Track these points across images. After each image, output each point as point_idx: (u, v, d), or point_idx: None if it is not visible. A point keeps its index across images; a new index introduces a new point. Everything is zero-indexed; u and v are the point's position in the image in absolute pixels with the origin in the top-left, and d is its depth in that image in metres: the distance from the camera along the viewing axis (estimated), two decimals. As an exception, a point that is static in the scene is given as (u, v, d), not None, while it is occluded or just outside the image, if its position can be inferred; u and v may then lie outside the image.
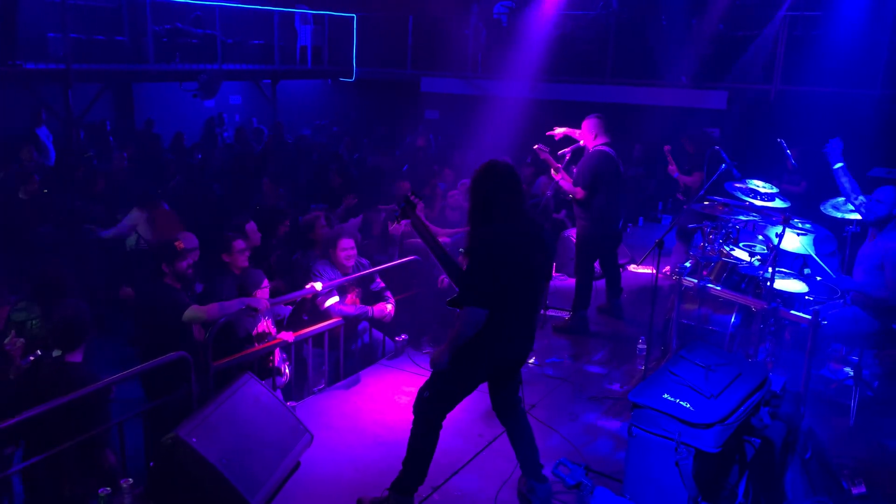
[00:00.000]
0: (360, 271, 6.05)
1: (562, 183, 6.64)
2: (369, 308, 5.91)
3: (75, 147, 11.07)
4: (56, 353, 4.12)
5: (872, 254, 5.17)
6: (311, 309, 5.78)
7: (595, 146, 6.53)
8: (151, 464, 4.23)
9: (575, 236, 7.08)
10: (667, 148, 8.76)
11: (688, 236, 8.09)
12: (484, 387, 4.08)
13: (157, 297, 4.97)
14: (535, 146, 6.73)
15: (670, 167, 8.71)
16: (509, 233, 3.71)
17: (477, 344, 3.71)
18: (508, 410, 4.11)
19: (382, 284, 6.21)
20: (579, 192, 6.48)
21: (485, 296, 3.62)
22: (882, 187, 5.25)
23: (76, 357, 4.13)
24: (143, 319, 5.15)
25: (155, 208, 7.64)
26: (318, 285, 5.64)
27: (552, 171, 6.67)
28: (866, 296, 5.19)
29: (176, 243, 5.10)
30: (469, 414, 5.08)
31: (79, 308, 4.24)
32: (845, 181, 5.48)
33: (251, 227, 6.32)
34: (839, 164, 5.52)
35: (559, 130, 6.80)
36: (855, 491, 4.44)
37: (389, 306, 6.04)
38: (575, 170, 6.67)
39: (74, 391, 3.87)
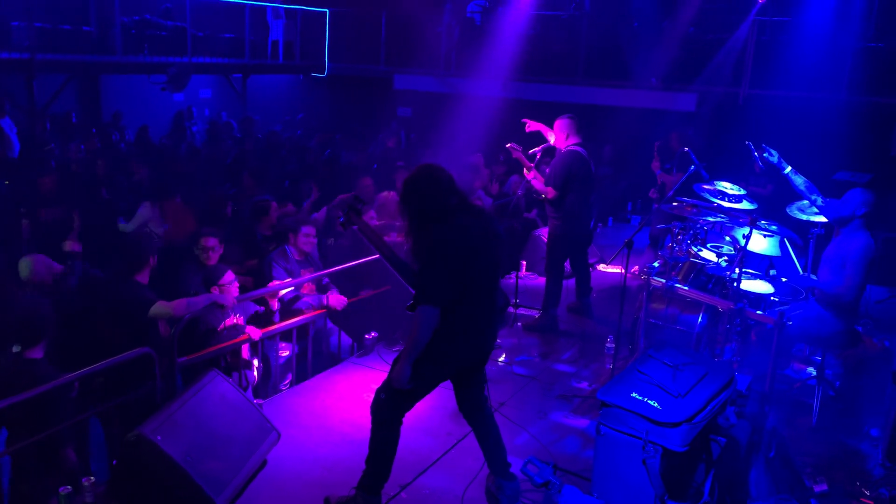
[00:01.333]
0: (311, 260, 6.17)
1: (534, 182, 6.66)
2: (324, 296, 5.92)
3: (38, 139, 10.83)
4: (16, 349, 4.02)
5: (835, 254, 5.27)
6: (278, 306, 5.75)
7: (567, 146, 6.56)
8: (114, 462, 4.16)
9: (546, 235, 7.10)
10: (657, 144, 8.82)
11: (658, 242, 8.16)
12: (452, 385, 4.07)
13: (123, 293, 4.89)
14: (508, 145, 6.74)
15: (654, 163, 8.77)
16: (463, 227, 3.65)
17: (435, 343, 3.66)
18: (474, 410, 4.08)
19: (327, 280, 6.20)
20: (551, 192, 6.51)
21: (440, 293, 3.56)
22: (850, 190, 5.35)
23: (36, 353, 4.04)
24: (107, 316, 5.05)
25: (166, 202, 7.44)
26: (291, 288, 5.69)
27: (524, 170, 6.69)
28: (824, 294, 5.29)
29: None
30: (438, 412, 5.08)
31: (38, 303, 4.15)
32: (800, 181, 5.55)
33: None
34: (788, 168, 5.59)
35: (531, 123, 6.81)
36: (817, 489, 4.52)
37: (336, 294, 6.06)
38: (547, 169, 6.70)
39: (31, 389, 3.77)
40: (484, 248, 3.71)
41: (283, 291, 5.76)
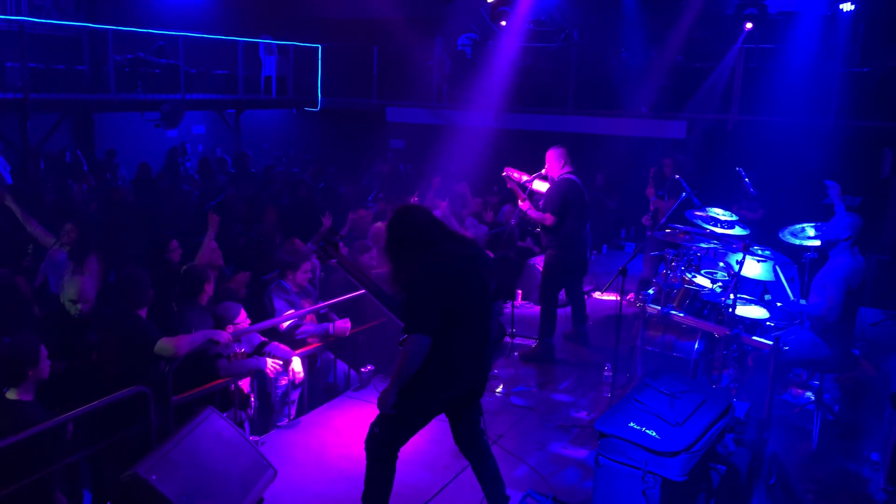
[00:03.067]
0: (309, 294, 6.21)
1: (529, 212, 6.66)
2: (329, 325, 5.88)
3: (33, 178, 10.85)
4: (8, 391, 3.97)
5: (821, 277, 5.32)
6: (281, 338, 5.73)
7: (561, 174, 6.60)
8: (109, 503, 4.10)
9: (541, 264, 7.11)
10: (652, 170, 8.85)
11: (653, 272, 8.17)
12: (447, 418, 4.04)
13: (128, 328, 4.82)
14: (504, 173, 6.76)
15: (649, 189, 8.78)
16: (447, 253, 3.66)
17: (426, 375, 3.65)
18: (471, 443, 4.04)
19: (326, 310, 6.19)
20: (549, 219, 6.51)
21: (429, 321, 3.55)
22: (836, 215, 5.41)
23: (26, 395, 3.99)
24: (112, 351, 4.98)
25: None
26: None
27: (519, 200, 6.70)
28: (811, 317, 5.32)
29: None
30: (435, 446, 5.03)
31: (23, 341, 4.09)
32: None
33: (173, 244, 6.32)
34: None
35: (511, 177, 6.84)
36: (819, 515, 4.48)
37: (341, 322, 6.02)
38: (540, 201, 6.72)
39: (16, 432, 3.71)
40: (470, 274, 3.70)
41: (286, 324, 5.74)
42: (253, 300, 6.24)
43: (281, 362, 5.44)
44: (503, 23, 12.12)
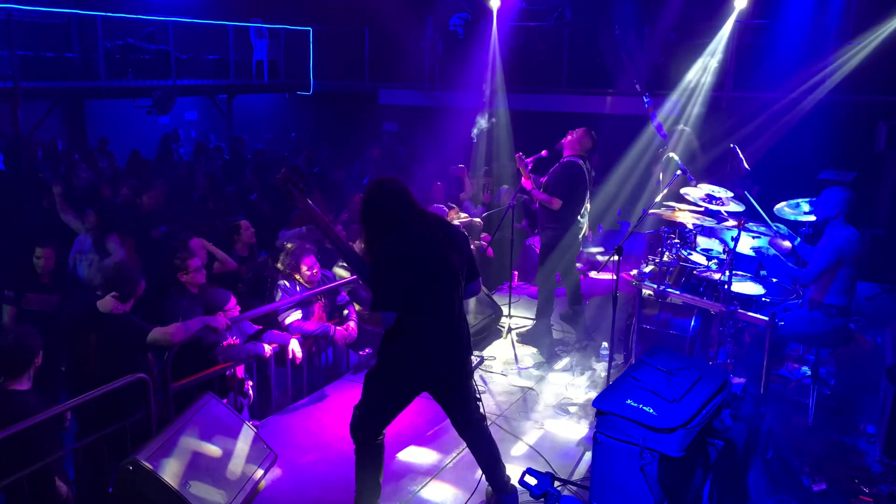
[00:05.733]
0: (325, 283, 6.02)
1: (534, 192, 6.59)
2: (331, 326, 5.85)
3: (25, 166, 10.80)
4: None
5: (816, 249, 5.36)
6: (276, 326, 5.72)
7: (569, 156, 6.56)
8: (110, 490, 4.12)
9: (538, 245, 7.10)
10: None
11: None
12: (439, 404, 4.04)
13: (117, 321, 4.82)
14: (517, 154, 6.68)
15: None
16: (413, 235, 3.64)
17: (395, 357, 3.70)
18: (467, 426, 4.04)
19: (347, 298, 6.17)
20: (556, 203, 6.46)
21: (390, 299, 3.55)
22: (824, 192, 5.41)
23: (23, 385, 3.99)
24: (99, 343, 4.98)
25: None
26: (298, 314, 5.66)
27: (523, 179, 6.62)
28: (802, 286, 5.38)
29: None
30: (434, 426, 5.06)
31: (25, 333, 4.09)
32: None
33: (195, 243, 6.25)
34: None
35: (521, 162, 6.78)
36: (816, 488, 4.53)
37: (352, 324, 6.00)
38: (545, 181, 6.67)
39: (17, 421, 3.71)
40: (437, 256, 3.66)
41: (289, 320, 5.69)
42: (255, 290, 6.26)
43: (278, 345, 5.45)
44: (495, 2, 12.02)
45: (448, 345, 3.78)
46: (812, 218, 5.81)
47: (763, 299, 5.70)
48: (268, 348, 5.36)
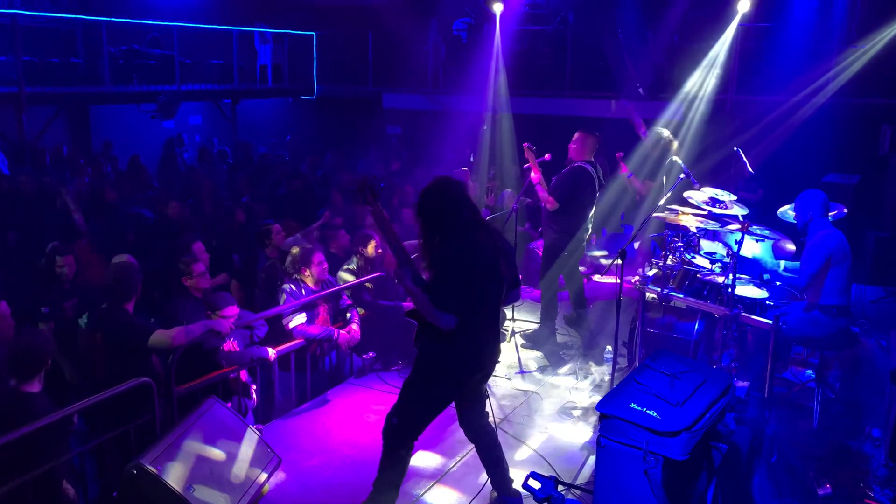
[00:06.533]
0: (327, 287, 6.02)
1: (537, 187, 6.62)
2: (334, 330, 5.86)
3: (30, 172, 10.81)
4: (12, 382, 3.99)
5: (803, 254, 5.40)
6: (278, 329, 5.72)
7: (578, 161, 6.56)
8: (114, 493, 4.13)
9: (541, 248, 7.10)
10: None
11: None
12: (454, 403, 4.06)
13: (119, 323, 4.85)
14: (525, 144, 6.69)
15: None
16: (475, 241, 3.70)
17: (451, 361, 3.71)
18: (476, 427, 4.09)
19: (350, 302, 6.18)
20: (551, 203, 6.49)
21: (454, 302, 3.58)
22: (799, 196, 5.46)
23: (34, 387, 4.01)
24: (104, 346, 5.00)
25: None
26: (302, 318, 5.64)
27: (532, 173, 6.62)
28: (797, 289, 5.40)
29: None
30: (439, 429, 5.06)
31: (38, 336, 4.12)
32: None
33: (198, 247, 6.25)
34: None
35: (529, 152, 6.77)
36: (821, 492, 4.51)
37: (355, 326, 6.00)
38: (553, 179, 6.68)
39: (28, 423, 3.73)
40: (492, 265, 3.74)
41: (292, 324, 5.71)
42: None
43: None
44: (498, 6, 12.03)
45: (492, 348, 3.91)
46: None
47: (767, 302, 5.69)
48: (271, 352, 5.37)
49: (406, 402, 3.85)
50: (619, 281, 5.52)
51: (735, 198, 5.99)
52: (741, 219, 5.58)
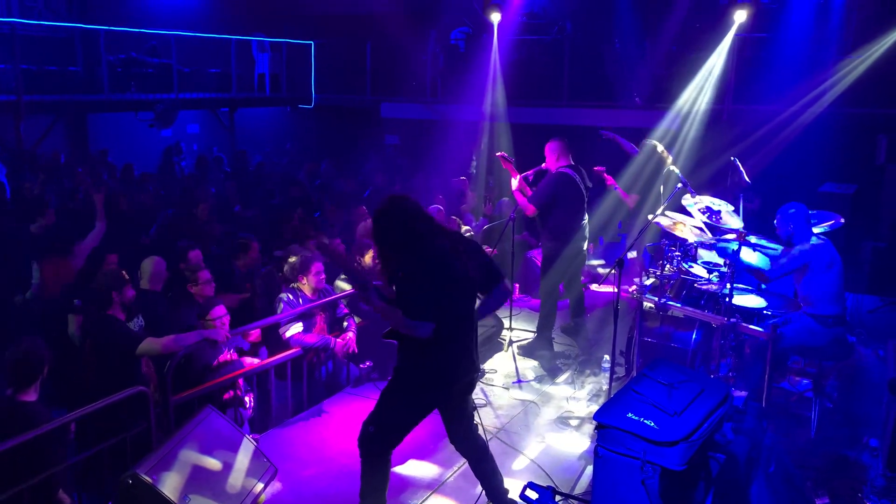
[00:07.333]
0: (324, 296, 6.01)
1: (515, 194, 6.65)
2: (331, 339, 5.84)
3: (29, 181, 10.81)
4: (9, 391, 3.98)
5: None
6: (274, 338, 5.71)
7: (557, 167, 6.58)
8: (110, 503, 4.11)
9: (539, 257, 7.10)
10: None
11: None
12: (441, 417, 4.04)
13: (107, 330, 4.81)
14: (498, 154, 6.72)
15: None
16: (439, 248, 3.68)
17: (423, 371, 3.69)
18: (465, 440, 4.05)
19: (346, 311, 6.17)
20: (530, 210, 6.51)
21: (429, 311, 3.56)
22: (780, 209, 5.55)
23: (30, 396, 3.99)
24: (92, 353, 4.96)
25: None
26: (299, 327, 5.64)
27: (511, 179, 6.65)
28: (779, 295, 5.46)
29: (122, 272, 4.97)
30: (435, 439, 5.04)
31: (35, 343, 4.10)
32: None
33: (195, 254, 6.25)
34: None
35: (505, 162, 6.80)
36: (818, 502, 4.50)
37: (350, 334, 5.99)
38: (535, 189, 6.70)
39: (25, 432, 3.72)
40: (459, 268, 3.70)
41: (289, 333, 5.70)
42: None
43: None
44: (496, 16, 12.08)
45: (469, 359, 3.84)
46: (820, 229, 5.87)
47: (764, 312, 5.69)
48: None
49: (382, 411, 3.83)
50: (616, 290, 5.52)
51: (732, 208, 6.00)
52: (739, 229, 5.59)
